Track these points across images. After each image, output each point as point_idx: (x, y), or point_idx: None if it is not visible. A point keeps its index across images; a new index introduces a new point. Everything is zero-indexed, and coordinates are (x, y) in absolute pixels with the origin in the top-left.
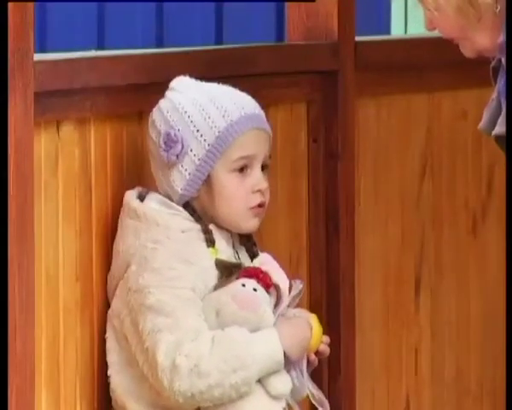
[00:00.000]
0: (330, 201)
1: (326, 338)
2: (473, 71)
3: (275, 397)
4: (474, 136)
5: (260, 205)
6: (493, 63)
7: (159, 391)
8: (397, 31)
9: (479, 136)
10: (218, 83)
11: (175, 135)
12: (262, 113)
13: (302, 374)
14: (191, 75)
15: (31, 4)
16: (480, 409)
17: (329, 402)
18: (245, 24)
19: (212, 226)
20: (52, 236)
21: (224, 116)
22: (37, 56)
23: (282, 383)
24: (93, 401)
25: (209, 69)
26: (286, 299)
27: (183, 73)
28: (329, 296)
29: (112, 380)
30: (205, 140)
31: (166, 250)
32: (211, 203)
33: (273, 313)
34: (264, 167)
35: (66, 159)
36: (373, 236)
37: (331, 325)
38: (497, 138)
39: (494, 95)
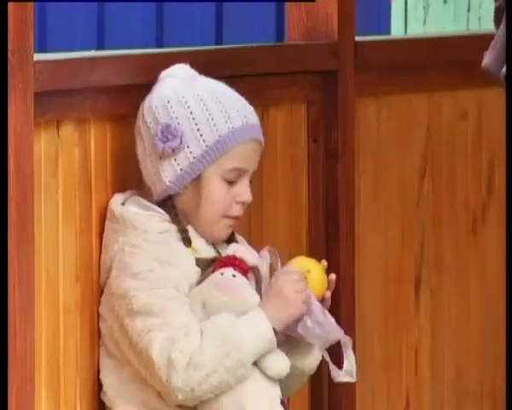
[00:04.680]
0: (330, 201)
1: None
2: (473, 71)
3: (272, 378)
4: (474, 136)
5: (236, 217)
6: (497, 3)
7: (158, 390)
8: (397, 31)
9: (479, 136)
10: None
11: (175, 129)
12: (259, 125)
13: (319, 318)
14: None
15: (31, 4)
16: (480, 409)
17: (329, 402)
18: (245, 24)
19: (189, 227)
20: (52, 236)
21: (226, 121)
22: (37, 56)
23: (278, 362)
24: (93, 401)
25: (209, 69)
26: (265, 278)
27: None
28: None
29: (103, 383)
30: (204, 141)
31: (144, 254)
32: (193, 203)
33: (257, 294)
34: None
35: (66, 159)
36: (373, 236)
37: None
38: (506, 77)
39: (500, 32)
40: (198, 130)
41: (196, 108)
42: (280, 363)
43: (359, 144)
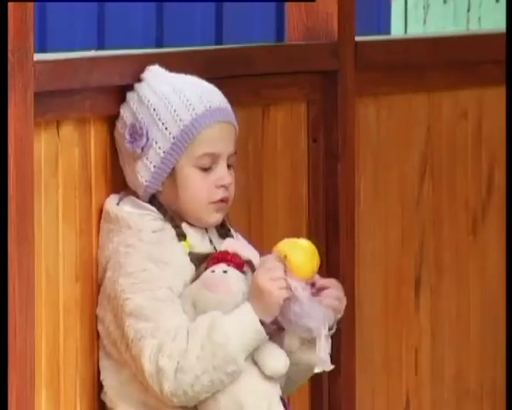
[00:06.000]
0: (330, 201)
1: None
2: (473, 71)
3: (270, 376)
4: (474, 136)
5: (223, 200)
6: None
7: (156, 396)
8: (397, 31)
9: (479, 136)
10: (218, 83)
11: (140, 127)
12: (228, 106)
13: (302, 300)
14: (191, 75)
15: (31, 4)
16: (480, 409)
17: (329, 402)
18: (245, 24)
19: (184, 225)
20: (52, 236)
21: (189, 110)
22: (37, 56)
23: (274, 361)
24: (93, 401)
25: (209, 69)
26: None
27: (183, 72)
28: None
29: (104, 384)
30: (170, 133)
31: (139, 253)
32: (174, 197)
33: None
34: (229, 167)
35: (66, 159)
36: (373, 236)
37: None
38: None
39: None
40: (163, 124)
41: (158, 102)
42: (277, 361)
43: (359, 144)
